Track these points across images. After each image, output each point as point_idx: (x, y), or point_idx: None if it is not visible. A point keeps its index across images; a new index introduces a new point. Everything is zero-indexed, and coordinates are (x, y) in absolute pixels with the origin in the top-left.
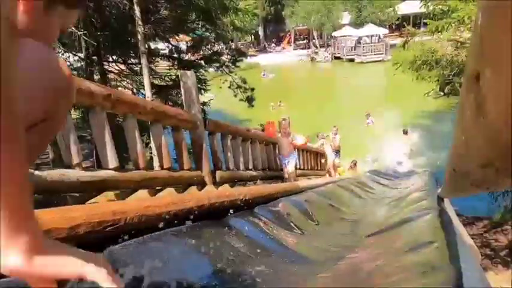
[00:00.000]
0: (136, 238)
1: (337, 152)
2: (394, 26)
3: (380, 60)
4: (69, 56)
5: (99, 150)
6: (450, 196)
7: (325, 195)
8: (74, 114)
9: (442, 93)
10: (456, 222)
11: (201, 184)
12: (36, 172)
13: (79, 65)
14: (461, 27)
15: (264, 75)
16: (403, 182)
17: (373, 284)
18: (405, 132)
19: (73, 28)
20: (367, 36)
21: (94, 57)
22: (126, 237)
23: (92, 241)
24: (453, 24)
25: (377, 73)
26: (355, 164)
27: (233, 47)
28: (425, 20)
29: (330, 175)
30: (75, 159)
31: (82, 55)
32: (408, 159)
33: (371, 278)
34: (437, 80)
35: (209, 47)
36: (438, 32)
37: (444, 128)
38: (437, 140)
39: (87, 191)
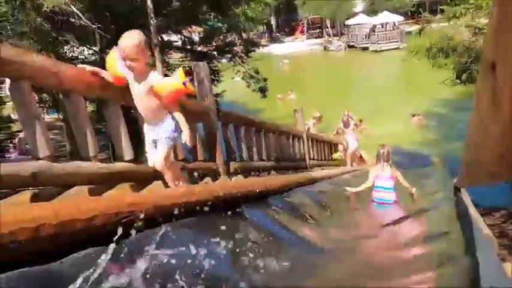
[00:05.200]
0: (152, 229)
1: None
2: (409, 13)
3: (395, 48)
4: (83, 50)
5: (115, 143)
6: (467, 186)
7: (339, 185)
8: (90, 107)
9: (458, 81)
10: (473, 212)
11: (215, 175)
12: (55, 164)
13: (93, 58)
14: (478, 12)
15: (282, 63)
16: (418, 172)
17: (389, 274)
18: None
19: (87, 22)
20: (382, 23)
21: (108, 50)
22: (142, 227)
23: (108, 232)
24: (471, 10)
25: (392, 61)
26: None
27: (245, 37)
28: (441, 6)
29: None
30: (92, 152)
31: (97, 48)
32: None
33: (387, 267)
34: (454, 68)
35: (221, 37)
36: (455, 18)
37: (461, 117)
38: (453, 128)
39: (103, 183)
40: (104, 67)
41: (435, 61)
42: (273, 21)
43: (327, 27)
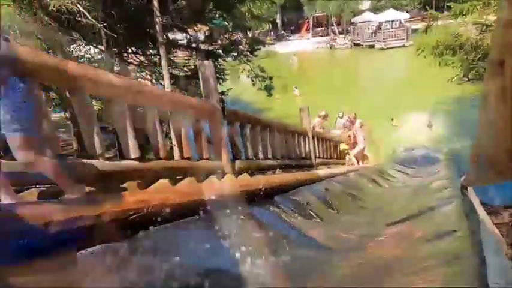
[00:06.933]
0: (160, 226)
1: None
2: (416, 10)
3: (401, 46)
4: (90, 49)
5: (121, 141)
6: (474, 184)
7: (345, 184)
8: (96, 106)
9: (466, 79)
10: (480, 211)
11: (221, 174)
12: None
13: (100, 57)
14: (486, 9)
15: (292, 59)
16: (425, 170)
17: (394, 274)
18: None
19: (93, 21)
20: (388, 21)
21: (114, 49)
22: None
23: (116, 229)
24: (478, 7)
25: (398, 59)
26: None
27: (251, 35)
28: (448, 3)
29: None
30: (98, 150)
31: (102, 47)
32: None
33: (392, 267)
34: (461, 65)
35: (227, 36)
36: (462, 15)
37: (468, 115)
38: (461, 127)
39: (110, 180)
40: (111, 65)
41: (442, 59)
42: (278, 20)
43: (333, 25)
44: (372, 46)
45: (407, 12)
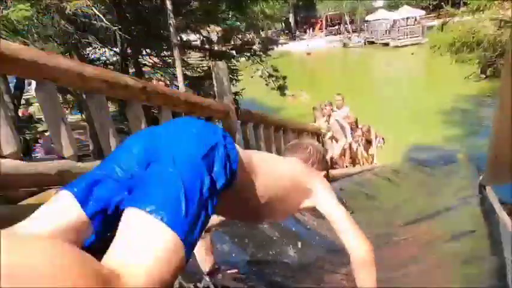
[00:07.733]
0: None
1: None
2: (431, 7)
3: (416, 44)
4: (105, 51)
5: None
6: (492, 183)
7: (359, 183)
8: (112, 107)
9: (483, 76)
10: (499, 210)
11: None
12: (79, 163)
13: (115, 59)
14: (504, 3)
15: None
16: (442, 169)
17: (410, 274)
18: None
19: (108, 23)
20: (403, 18)
21: (129, 51)
22: None
23: None
24: (496, 2)
25: (413, 57)
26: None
27: (264, 35)
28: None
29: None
30: None
31: (117, 49)
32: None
33: (407, 267)
34: (479, 62)
35: (240, 36)
36: (480, 11)
37: (486, 113)
38: (478, 125)
39: None
40: (126, 67)
41: (458, 56)
42: (291, 19)
43: (346, 24)
44: (387, 44)
45: (422, 9)
